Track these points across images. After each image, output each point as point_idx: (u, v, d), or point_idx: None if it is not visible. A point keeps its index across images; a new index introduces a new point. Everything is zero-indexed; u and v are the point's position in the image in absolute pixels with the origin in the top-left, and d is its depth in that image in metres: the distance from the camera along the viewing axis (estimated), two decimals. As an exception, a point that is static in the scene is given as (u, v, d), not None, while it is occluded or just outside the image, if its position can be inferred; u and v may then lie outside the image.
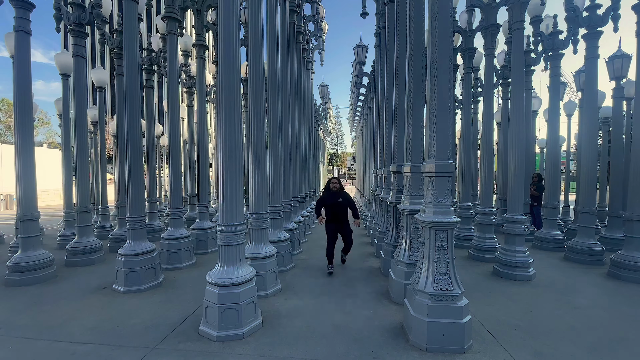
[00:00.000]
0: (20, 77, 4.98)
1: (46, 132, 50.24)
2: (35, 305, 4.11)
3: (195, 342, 3.14)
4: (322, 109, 17.04)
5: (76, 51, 5.83)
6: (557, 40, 6.46)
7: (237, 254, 3.39)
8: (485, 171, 6.01)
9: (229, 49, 3.32)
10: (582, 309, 3.97)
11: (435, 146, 3.09)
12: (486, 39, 5.99)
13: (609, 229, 6.80)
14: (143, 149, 5.52)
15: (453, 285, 3.00)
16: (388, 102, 5.96)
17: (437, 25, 3.05)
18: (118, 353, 2.97)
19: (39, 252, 5.09)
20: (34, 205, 5.11)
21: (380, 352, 2.96)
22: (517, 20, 5.10)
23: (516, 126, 5.14)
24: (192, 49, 7.58)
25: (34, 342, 3.17)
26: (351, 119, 22.94)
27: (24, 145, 4.98)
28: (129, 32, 4.75)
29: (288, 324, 3.55)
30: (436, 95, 3.07)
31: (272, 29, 5.34)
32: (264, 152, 4.58)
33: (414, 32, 3.97)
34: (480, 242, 6.22)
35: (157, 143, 12.75)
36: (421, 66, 3.97)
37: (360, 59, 9.80)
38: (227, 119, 3.32)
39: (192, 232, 6.66)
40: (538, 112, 9.73)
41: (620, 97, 7.07)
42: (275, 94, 5.41)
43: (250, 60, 4.38)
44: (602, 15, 5.68)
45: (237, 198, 3.38)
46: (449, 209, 3.09)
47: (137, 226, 4.80)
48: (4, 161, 20.70)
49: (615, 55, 7.07)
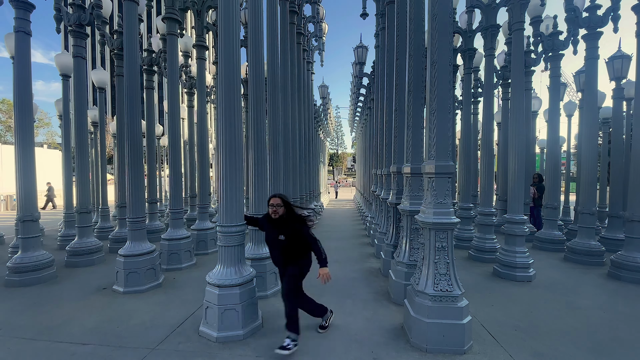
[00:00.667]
0: (20, 77, 4.98)
1: (46, 132, 50.32)
2: (35, 305, 4.10)
3: (195, 342, 3.14)
4: (322, 110, 17.05)
5: (76, 52, 5.84)
6: (557, 40, 6.46)
7: (237, 254, 3.39)
8: (486, 172, 6.01)
9: (229, 49, 3.32)
10: (582, 309, 3.96)
11: (436, 147, 3.09)
12: (486, 40, 6.00)
13: (609, 229, 6.80)
14: (143, 149, 5.53)
15: (453, 286, 3.00)
16: (388, 102, 5.97)
17: (436, 26, 3.05)
18: (118, 354, 2.97)
19: (39, 253, 5.09)
20: (34, 206, 5.11)
21: (380, 353, 2.96)
22: (517, 21, 5.10)
23: (516, 127, 5.14)
24: (192, 50, 7.58)
25: (34, 343, 3.17)
26: (351, 119, 22.95)
27: (24, 145, 4.98)
28: (129, 32, 4.75)
29: (288, 324, 3.54)
30: (436, 96, 3.07)
31: (272, 30, 5.34)
32: (264, 152, 4.57)
33: (414, 32, 3.98)
34: (480, 242, 6.21)
35: (158, 144, 12.77)
36: (421, 67, 3.97)
37: (360, 59, 9.81)
38: (227, 119, 3.32)
39: (192, 232, 6.65)
40: (538, 112, 9.73)
41: (620, 98, 7.07)
42: (276, 95, 5.41)
43: (250, 60, 4.38)
44: (602, 16, 5.67)
45: (237, 198, 3.38)
46: (449, 209, 3.08)
47: (137, 227, 4.80)
48: (4, 162, 20.74)
49: (615, 55, 7.07)
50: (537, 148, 12.02)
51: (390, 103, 5.66)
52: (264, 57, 4.60)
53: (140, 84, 5.03)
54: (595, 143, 6.09)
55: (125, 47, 4.76)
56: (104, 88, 8.20)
